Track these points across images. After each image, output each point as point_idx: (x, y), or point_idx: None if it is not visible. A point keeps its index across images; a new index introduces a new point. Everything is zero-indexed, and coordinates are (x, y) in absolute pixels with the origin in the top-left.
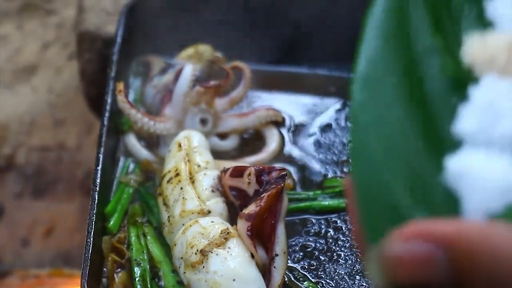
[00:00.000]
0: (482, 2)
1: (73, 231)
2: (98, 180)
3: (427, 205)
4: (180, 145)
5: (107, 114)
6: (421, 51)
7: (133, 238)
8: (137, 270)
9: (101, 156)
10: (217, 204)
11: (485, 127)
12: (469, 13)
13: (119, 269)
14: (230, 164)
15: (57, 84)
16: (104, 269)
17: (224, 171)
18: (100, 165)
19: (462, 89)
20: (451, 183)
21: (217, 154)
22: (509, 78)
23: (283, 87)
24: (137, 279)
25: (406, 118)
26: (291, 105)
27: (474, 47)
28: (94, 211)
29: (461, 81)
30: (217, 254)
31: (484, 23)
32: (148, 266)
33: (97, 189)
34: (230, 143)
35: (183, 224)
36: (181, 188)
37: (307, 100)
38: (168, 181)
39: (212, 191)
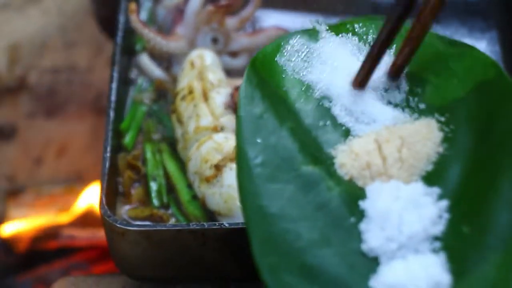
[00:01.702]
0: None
1: (85, 150)
2: (112, 98)
3: None
4: (193, 64)
5: (120, 34)
6: (308, 181)
7: (148, 154)
8: (153, 185)
9: (115, 74)
10: (230, 120)
11: (391, 235)
12: (324, 128)
13: (136, 184)
14: (241, 82)
15: (67, 6)
16: (120, 186)
17: (236, 88)
18: (114, 83)
19: (355, 207)
20: None
21: (228, 72)
22: (390, 179)
23: (292, 6)
24: (153, 194)
25: (324, 257)
26: (300, 24)
27: (346, 160)
28: (110, 127)
29: (351, 199)
30: (230, 169)
31: (341, 131)
32: (163, 181)
33: (112, 106)
34: (241, 62)
35: (197, 140)
36: (195, 106)
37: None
38: (181, 99)
39: (225, 108)
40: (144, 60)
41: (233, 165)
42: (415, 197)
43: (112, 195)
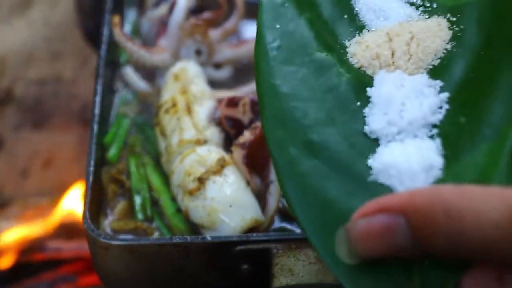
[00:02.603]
0: (351, 8)
1: (71, 162)
2: (96, 111)
3: (362, 197)
4: (176, 76)
5: (104, 46)
6: (320, 66)
7: (132, 168)
8: (137, 199)
9: (99, 87)
10: (213, 133)
11: (393, 120)
12: (341, 20)
13: (119, 198)
14: (225, 94)
15: (53, 17)
16: (104, 199)
17: (220, 101)
18: (98, 96)
19: (362, 93)
20: (379, 179)
21: (212, 84)
22: (397, 70)
23: None
24: (137, 207)
25: (328, 134)
26: None
27: (357, 51)
28: (94, 141)
29: (359, 85)
30: (213, 182)
31: (357, 26)
32: (148, 195)
33: (96, 119)
34: (224, 73)
35: (180, 153)
36: (178, 119)
37: None
38: (165, 112)
39: (209, 120)
40: (128, 72)
41: (216, 178)
42: (419, 87)
43: (96, 209)
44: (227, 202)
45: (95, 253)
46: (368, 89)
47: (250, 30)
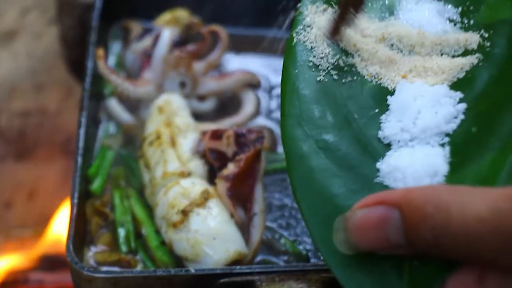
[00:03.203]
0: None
1: (55, 194)
2: (81, 144)
3: (365, 196)
4: (160, 109)
5: (88, 79)
6: (345, 74)
7: (117, 200)
8: (121, 231)
9: (83, 119)
10: (197, 165)
11: (406, 126)
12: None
13: (103, 230)
14: (209, 126)
15: (37, 49)
16: (88, 231)
17: (204, 133)
18: (82, 129)
19: (383, 101)
20: (385, 181)
21: (196, 116)
22: (418, 80)
23: (259, 50)
24: (121, 240)
25: (342, 136)
26: (267, 68)
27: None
28: (78, 174)
29: (381, 93)
30: (197, 214)
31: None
32: (131, 227)
33: (80, 152)
34: (208, 105)
35: (164, 186)
36: (162, 151)
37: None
38: (149, 144)
39: (192, 153)
40: (113, 104)
41: (200, 211)
42: (437, 97)
43: (80, 241)
44: (211, 234)
45: (79, 285)
46: (388, 97)
47: (234, 62)
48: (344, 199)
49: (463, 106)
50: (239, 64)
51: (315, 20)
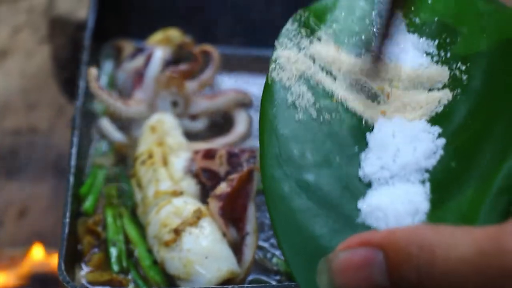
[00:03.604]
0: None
1: (46, 212)
2: (73, 163)
3: (347, 236)
4: (153, 128)
5: (80, 98)
6: (321, 111)
7: (109, 219)
8: (113, 251)
9: (75, 138)
10: (189, 185)
11: (386, 164)
12: None
13: (95, 249)
14: (201, 146)
15: (29, 68)
16: (79, 250)
17: (196, 152)
18: (74, 148)
19: (362, 138)
20: (367, 221)
21: (188, 135)
22: (397, 116)
23: (251, 69)
24: (113, 259)
25: (322, 175)
26: (259, 87)
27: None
28: (70, 193)
29: (360, 131)
30: (190, 233)
31: None
32: (123, 246)
33: (72, 171)
34: (200, 124)
35: (156, 205)
36: (154, 170)
37: None
38: (141, 163)
39: (185, 172)
40: (104, 123)
41: (192, 230)
42: (415, 133)
43: (71, 260)
44: (203, 253)
45: None
46: (367, 134)
47: (226, 82)
48: (327, 239)
49: (442, 141)
50: (231, 83)
51: (292, 58)
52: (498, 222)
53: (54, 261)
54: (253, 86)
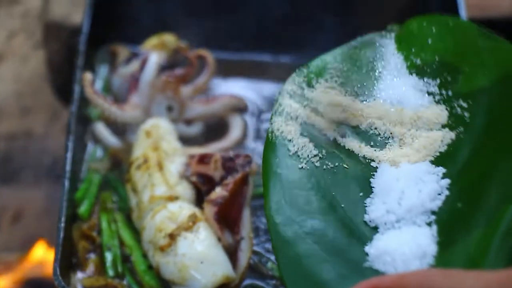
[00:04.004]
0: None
1: (40, 217)
2: (68, 167)
3: (355, 281)
4: (148, 133)
5: (75, 103)
6: (328, 161)
7: (104, 224)
8: (108, 255)
9: (70, 143)
10: (184, 189)
11: (391, 208)
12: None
13: (90, 254)
14: (196, 150)
15: (23, 73)
16: (74, 255)
17: (191, 157)
18: (69, 153)
19: (366, 184)
20: (375, 265)
21: (183, 140)
22: (400, 164)
23: (246, 74)
24: (108, 264)
25: (328, 221)
26: (254, 92)
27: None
28: (65, 198)
29: (364, 176)
30: (185, 238)
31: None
32: (119, 251)
33: (67, 175)
34: (195, 129)
35: (151, 209)
36: (150, 175)
37: (270, 88)
38: (136, 168)
39: (180, 177)
40: (99, 128)
41: (188, 234)
42: (419, 175)
43: (67, 264)
44: (198, 258)
45: None
46: (371, 180)
47: (221, 86)
48: (335, 285)
49: (446, 181)
50: (226, 88)
51: (293, 111)
52: (506, 264)
53: (48, 265)
54: (248, 91)
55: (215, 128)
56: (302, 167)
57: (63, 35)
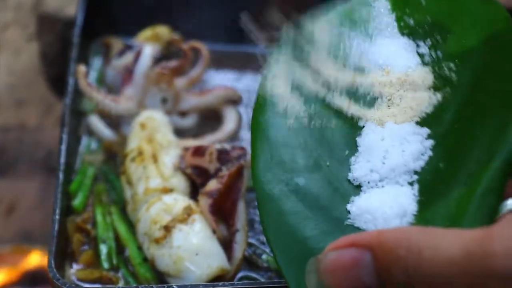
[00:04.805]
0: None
1: (34, 209)
2: (62, 160)
3: (336, 238)
4: (142, 125)
5: (69, 95)
6: (312, 116)
7: (99, 217)
8: (103, 248)
9: (64, 135)
10: (179, 181)
11: (375, 167)
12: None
13: (85, 247)
14: (191, 143)
15: (17, 65)
16: (69, 247)
17: (186, 149)
18: (63, 145)
19: (352, 142)
20: (356, 223)
21: (177, 132)
22: (386, 124)
23: (240, 66)
24: (103, 256)
25: (313, 179)
26: (248, 84)
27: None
28: (59, 190)
29: (351, 135)
30: (180, 230)
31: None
32: (113, 244)
33: (62, 168)
34: (190, 121)
35: (146, 202)
36: (144, 167)
37: None
38: (131, 160)
39: (175, 169)
40: (94, 121)
41: (183, 226)
42: (404, 135)
43: (61, 257)
44: (193, 250)
45: None
46: (357, 138)
47: (215, 78)
48: (316, 241)
49: (430, 142)
50: (220, 80)
51: (283, 72)
52: (484, 223)
53: (43, 258)
54: (242, 82)
55: (209, 120)
56: (290, 125)
57: (56, 27)
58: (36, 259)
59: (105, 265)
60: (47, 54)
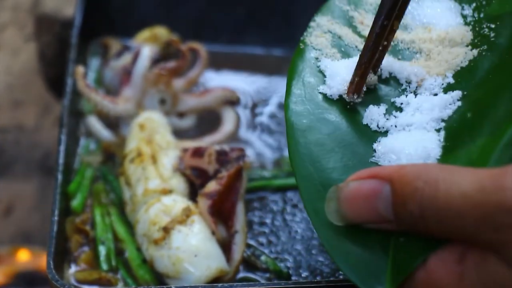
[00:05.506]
0: None
1: (32, 210)
2: (61, 161)
3: (359, 170)
4: (141, 126)
5: (67, 96)
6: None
7: (98, 218)
8: (101, 249)
9: (63, 136)
10: (178, 182)
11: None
12: None
13: (84, 248)
14: (190, 144)
15: (15, 65)
16: (68, 249)
17: (185, 151)
18: (62, 146)
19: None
20: (380, 161)
21: (176, 133)
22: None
23: (239, 67)
24: (101, 258)
25: (343, 118)
26: (247, 85)
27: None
28: (58, 191)
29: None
30: (179, 231)
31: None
32: (112, 245)
33: (60, 169)
34: (188, 122)
35: (145, 203)
36: (143, 168)
37: (262, 80)
38: (130, 161)
39: (174, 170)
40: (92, 122)
41: (182, 228)
42: (433, 88)
43: (60, 258)
44: (192, 251)
45: None
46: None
47: (213, 79)
48: (339, 173)
49: (458, 93)
50: (218, 81)
51: (326, 27)
52: None
53: (41, 259)
54: (241, 83)
55: (208, 121)
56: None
57: (54, 28)
58: (34, 260)
59: (104, 266)
60: (45, 54)
